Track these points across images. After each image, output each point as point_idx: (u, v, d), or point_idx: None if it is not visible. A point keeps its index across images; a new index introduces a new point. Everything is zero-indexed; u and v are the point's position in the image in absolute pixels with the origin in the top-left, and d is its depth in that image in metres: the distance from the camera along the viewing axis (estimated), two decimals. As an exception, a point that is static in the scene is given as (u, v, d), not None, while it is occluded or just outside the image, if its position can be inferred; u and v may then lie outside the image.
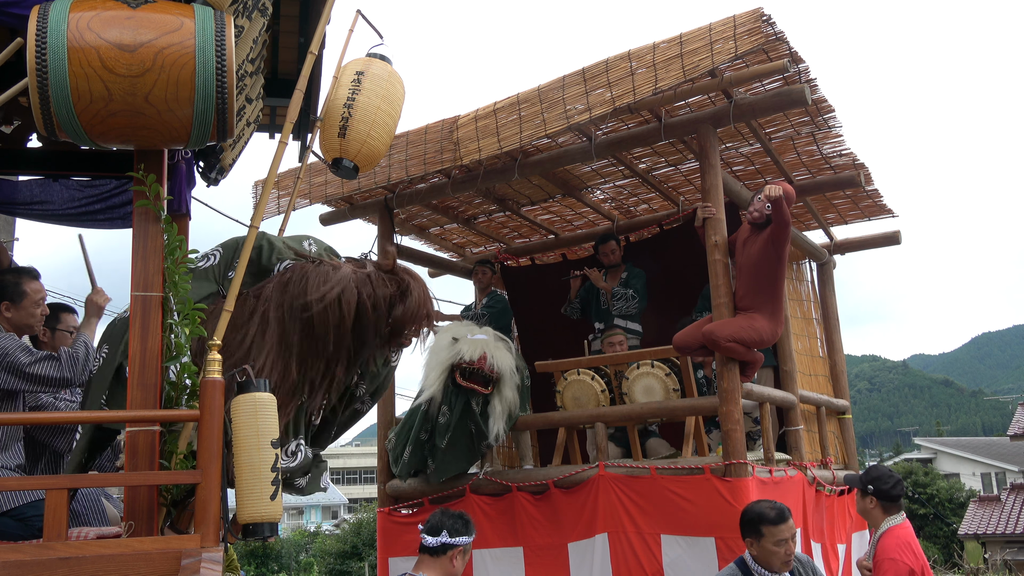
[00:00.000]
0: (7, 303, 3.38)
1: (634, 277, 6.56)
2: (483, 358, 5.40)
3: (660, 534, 4.99)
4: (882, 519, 4.03)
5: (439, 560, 3.33)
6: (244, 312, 3.34)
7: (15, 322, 3.40)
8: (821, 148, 6.09)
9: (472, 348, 5.45)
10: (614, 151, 5.73)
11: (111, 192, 4.29)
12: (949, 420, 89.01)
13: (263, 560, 25.58)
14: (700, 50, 4.66)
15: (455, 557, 3.34)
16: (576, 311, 6.93)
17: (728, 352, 4.96)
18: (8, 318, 3.37)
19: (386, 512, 6.15)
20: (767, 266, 5.08)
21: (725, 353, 4.97)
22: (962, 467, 33.67)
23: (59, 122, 2.63)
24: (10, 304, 3.38)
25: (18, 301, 3.39)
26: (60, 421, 3.54)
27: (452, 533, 3.34)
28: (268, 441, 2.77)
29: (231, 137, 2.83)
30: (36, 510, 2.98)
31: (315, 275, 3.37)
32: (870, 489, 4.04)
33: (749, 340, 4.99)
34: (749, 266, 5.13)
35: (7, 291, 3.40)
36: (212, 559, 2.54)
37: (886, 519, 4.01)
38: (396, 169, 5.86)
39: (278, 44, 4.52)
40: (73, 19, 2.58)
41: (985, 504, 23.54)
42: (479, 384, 5.41)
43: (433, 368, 5.54)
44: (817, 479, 5.91)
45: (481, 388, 5.41)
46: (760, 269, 5.10)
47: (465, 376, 5.42)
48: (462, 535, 3.36)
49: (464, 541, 3.37)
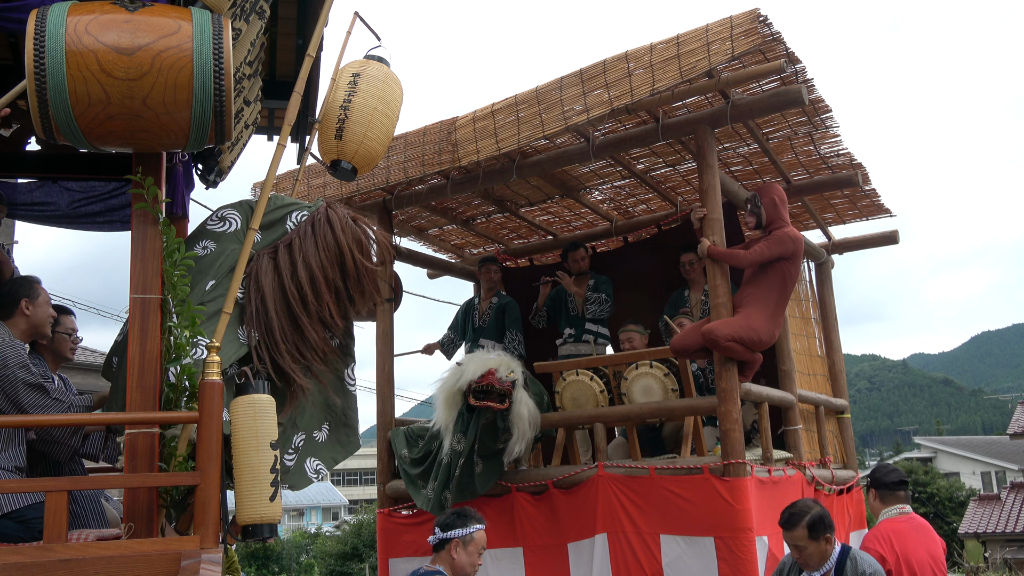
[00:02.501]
0: (26, 299, 3.41)
1: (602, 283, 6.59)
2: (490, 373, 5.16)
3: (659, 534, 4.99)
4: (880, 511, 4.13)
5: (441, 555, 3.58)
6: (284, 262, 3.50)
7: (34, 320, 3.42)
8: (819, 148, 6.10)
9: (477, 366, 5.24)
10: (612, 152, 5.74)
11: (110, 194, 4.31)
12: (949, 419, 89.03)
13: (264, 562, 25.59)
14: (697, 51, 4.67)
15: (453, 550, 3.55)
16: (543, 320, 6.91)
17: (727, 352, 4.96)
18: (28, 316, 3.40)
19: (386, 513, 6.15)
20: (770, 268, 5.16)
21: (724, 353, 4.98)
22: (962, 466, 33.67)
23: (58, 125, 2.64)
24: (29, 301, 3.41)
25: (35, 299, 3.43)
26: (62, 423, 3.54)
27: (443, 528, 3.59)
28: (267, 443, 2.79)
29: (229, 140, 2.84)
30: (36, 512, 2.99)
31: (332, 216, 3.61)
32: (869, 482, 4.19)
33: (748, 340, 4.99)
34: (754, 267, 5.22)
35: (24, 289, 3.44)
36: (211, 560, 2.55)
37: (883, 511, 4.12)
38: (395, 170, 5.87)
39: (276, 46, 4.52)
40: (71, 23, 2.59)
41: (985, 503, 23.55)
42: (494, 401, 5.11)
43: (442, 399, 5.35)
44: (816, 478, 5.92)
45: (496, 404, 5.11)
46: (763, 270, 5.18)
47: (478, 396, 5.15)
48: (453, 528, 3.57)
49: (458, 534, 3.56)
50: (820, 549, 3.60)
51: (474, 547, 3.57)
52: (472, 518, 3.63)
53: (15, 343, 3.27)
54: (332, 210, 3.62)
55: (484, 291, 7.12)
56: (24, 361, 3.24)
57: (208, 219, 3.50)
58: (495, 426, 5.21)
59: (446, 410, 5.35)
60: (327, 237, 3.54)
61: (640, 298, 6.93)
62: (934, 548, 4.08)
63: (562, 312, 6.79)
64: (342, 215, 3.63)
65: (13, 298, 3.41)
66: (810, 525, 3.59)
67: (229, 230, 3.46)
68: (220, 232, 3.44)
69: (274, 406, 2.86)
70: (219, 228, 3.46)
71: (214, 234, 3.43)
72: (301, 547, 28.95)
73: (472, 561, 3.57)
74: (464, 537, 3.56)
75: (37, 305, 3.43)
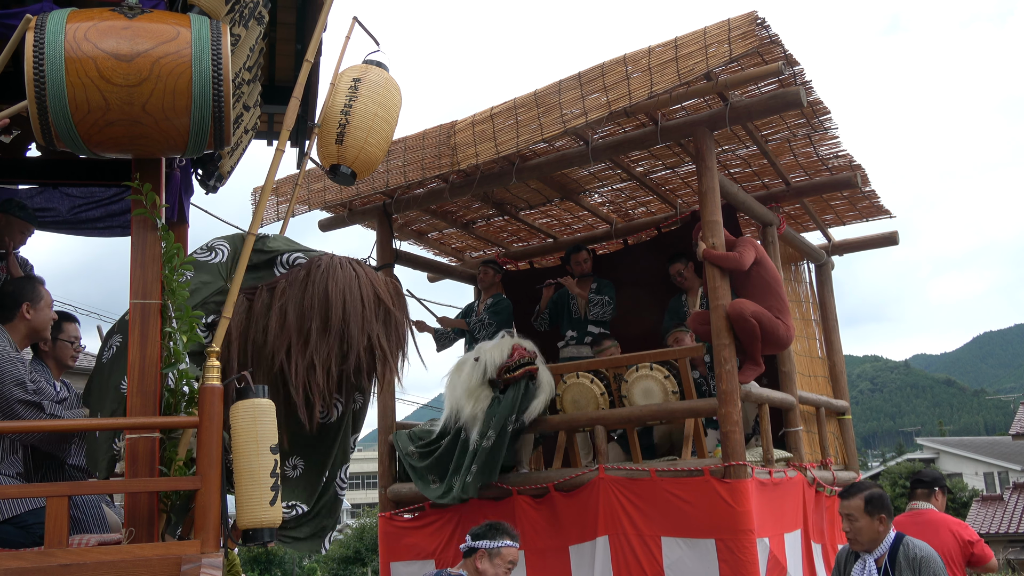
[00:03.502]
0: (27, 303, 3.40)
1: (604, 286, 6.61)
2: (515, 349, 5.57)
3: (660, 536, 5.00)
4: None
5: (467, 562, 3.70)
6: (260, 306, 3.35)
7: (35, 324, 3.41)
8: (817, 150, 6.11)
9: (499, 350, 5.60)
10: (611, 155, 5.75)
11: (110, 200, 4.32)
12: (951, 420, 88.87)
13: (266, 566, 25.58)
14: (695, 53, 4.68)
15: (478, 560, 3.64)
16: (545, 322, 6.94)
17: (747, 329, 5.09)
18: (28, 320, 3.39)
19: (388, 517, 6.15)
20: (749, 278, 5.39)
21: (742, 329, 5.09)
22: (965, 467, 33.60)
23: (57, 132, 2.65)
24: (30, 305, 3.40)
25: (37, 302, 3.42)
26: (62, 429, 3.55)
27: (474, 537, 3.70)
28: (267, 447, 2.79)
29: (228, 145, 2.85)
30: (37, 517, 2.99)
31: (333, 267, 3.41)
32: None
33: (767, 324, 5.16)
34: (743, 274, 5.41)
35: (26, 292, 3.42)
36: (212, 564, 2.55)
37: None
38: (394, 174, 5.88)
39: (275, 52, 4.53)
40: (70, 30, 2.60)
41: (988, 504, 23.51)
42: (528, 366, 5.54)
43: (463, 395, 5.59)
44: (817, 480, 5.92)
45: (531, 367, 5.56)
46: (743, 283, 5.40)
47: (513, 371, 5.52)
48: (483, 539, 3.66)
49: (485, 545, 3.64)
50: (872, 526, 3.63)
51: (500, 561, 3.64)
52: (505, 533, 3.70)
53: (13, 356, 3.24)
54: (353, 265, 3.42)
55: (481, 293, 7.16)
56: (20, 378, 3.20)
57: (199, 248, 3.42)
58: (529, 389, 5.53)
59: (471, 402, 5.55)
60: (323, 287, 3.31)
61: (641, 300, 6.94)
62: (935, 542, 4.14)
63: (564, 315, 6.80)
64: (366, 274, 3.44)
65: (15, 300, 3.39)
66: (868, 499, 3.66)
67: (212, 260, 3.38)
68: (203, 262, 3.36)
69: (274, 410, 2.87)
70: (203, 257, 3.38)
71: (197, 263, 3.33)
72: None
73: (497, 574, 3.63)
74: (491, 549, 3.63)
75: (39, 309, 3.42)
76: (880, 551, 3.62)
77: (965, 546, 4.47)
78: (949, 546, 4.41)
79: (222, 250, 3.43)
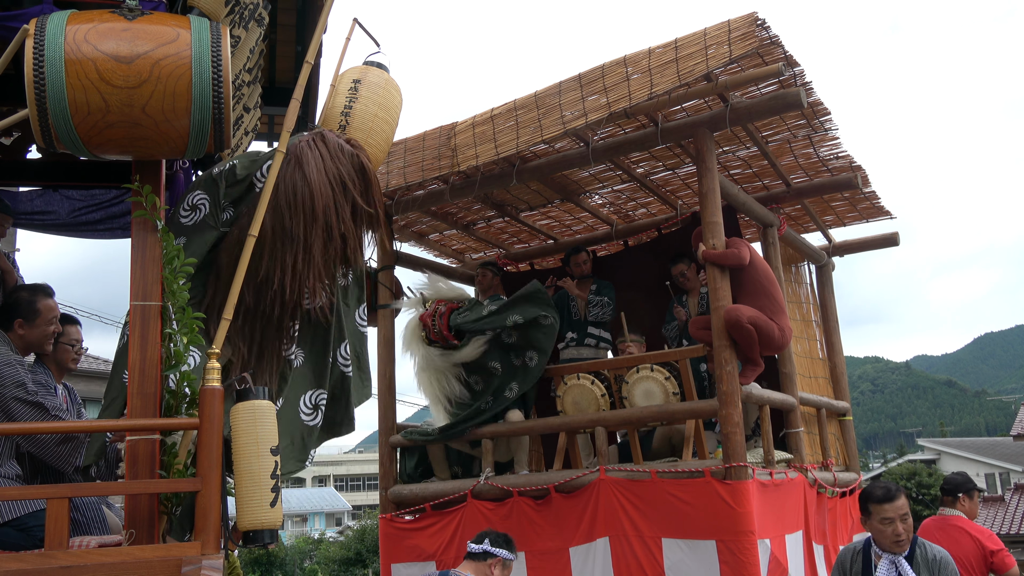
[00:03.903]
0: (20, 320, 3.35)
1: (604, 287, 6.60)
2: (425, 315, 6.10)
3: (661, 537, 4.99)
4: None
5: (479, 564, 3.84)
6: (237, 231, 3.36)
7: (28, 340, 3.36)
8: (818, 151, 6.11)
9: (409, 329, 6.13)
10: (611, 156, 5.75)
11: (110, 202, 4.32)
12: (953, 421, 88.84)
13: (267, 568, 25.59)
14: (695, 54, 4.68)
15: (494, 566, 3.82)
16: None
17: (743, 335, 5.06)
18: (21, 335, 3.34)
19: (388, 518, 6.15)
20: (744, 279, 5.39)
21: (739, 335, 5.07)
22: (966, 468, 33.53)
23: (57, 134, 2.65)
24: (23, 322, 3.35)
25: (32, 320, 3.36)
26: (61, 431, 3.54)
27: (494, 543, 3.87)
28: (267, 448, 2.79)
29: (228, 147, 2.85)
30: (37, 520, 2.99)
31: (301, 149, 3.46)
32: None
33: (764, 328, 5.14)
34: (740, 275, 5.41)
35: (21, 309, 3.36)
36: (212, 566, 2.55)
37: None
38: (395, 176, 5.88)
39: (275, 53, 4.55)
40: (70, 31, 2.60)
41: (989, 504, 23.46)
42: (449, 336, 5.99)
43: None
44: (818, 481, 5.91)
45: (453, 339, 6.00)
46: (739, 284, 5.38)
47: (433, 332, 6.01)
48: (502, 548, 3.87)
49: (504, 555, 3.86)
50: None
51: (508, 573, 3.87)
52: (513, 546, 3.98)
53: (12, 359, 3.22)
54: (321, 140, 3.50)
55: (479, 295, 7.14)
56: (20, 379, 3.18)
57: (180, 209, 3.36)
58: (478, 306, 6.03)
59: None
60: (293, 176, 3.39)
61: (641, 301, 6.93)
62: (955, 548, 4.22)
63: (564, 316, 6.79)
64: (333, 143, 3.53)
65: (9, 316, 3.36)
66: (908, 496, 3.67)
67: (198, 218, 3.34)
68: (190, 226, 3.32)
69: (274, 412, 2.86)
70: (189, 220, 3.34)
71: (184, 228, 3.31)
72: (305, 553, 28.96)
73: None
74: (507, 560, 3.88)
75: (34, 326, 3.35)
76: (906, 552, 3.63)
77: (987, 555, 4.54)
78: (969, 553, 4.48)
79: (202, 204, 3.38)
